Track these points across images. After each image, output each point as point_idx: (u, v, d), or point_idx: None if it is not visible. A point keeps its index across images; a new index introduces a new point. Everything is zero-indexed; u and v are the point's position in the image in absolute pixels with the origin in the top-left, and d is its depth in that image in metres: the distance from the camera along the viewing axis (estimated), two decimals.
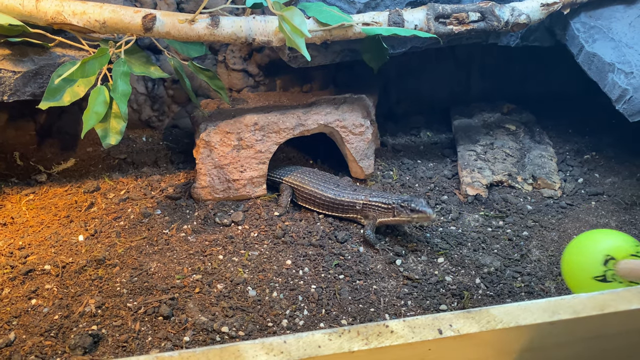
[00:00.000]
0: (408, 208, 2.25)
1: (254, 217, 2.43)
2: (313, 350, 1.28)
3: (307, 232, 2.34)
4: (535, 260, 2.26)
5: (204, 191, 2.50)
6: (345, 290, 2.06)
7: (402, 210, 2.27)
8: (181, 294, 2.01)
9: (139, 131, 3.06)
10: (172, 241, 2.27)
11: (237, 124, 2.49)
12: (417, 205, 2.23)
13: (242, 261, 2.18)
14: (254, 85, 3.11)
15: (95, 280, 2.05)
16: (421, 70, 3.37)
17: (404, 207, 2.26)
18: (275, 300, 2.01)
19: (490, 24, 2.34)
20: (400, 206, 2.27)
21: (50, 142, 2.90)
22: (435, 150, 3.08)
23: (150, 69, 2.33)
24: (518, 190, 2.67)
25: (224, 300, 1.98)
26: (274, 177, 2.61)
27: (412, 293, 2.08)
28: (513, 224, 2.47)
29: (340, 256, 2.23)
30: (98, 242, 2.26)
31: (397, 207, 2.28)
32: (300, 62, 2.60)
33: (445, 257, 2.27)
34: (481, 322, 1.38)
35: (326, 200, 2.43)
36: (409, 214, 2.26)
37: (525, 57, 3.37)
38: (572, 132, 3.16)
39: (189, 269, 2.12)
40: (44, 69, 2.26)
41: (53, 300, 1.96)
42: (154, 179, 2.66)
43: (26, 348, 1.77)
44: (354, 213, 2.41)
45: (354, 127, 2.60)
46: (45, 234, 2.30)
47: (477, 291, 2.11)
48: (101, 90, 2.10)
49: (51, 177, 2.69)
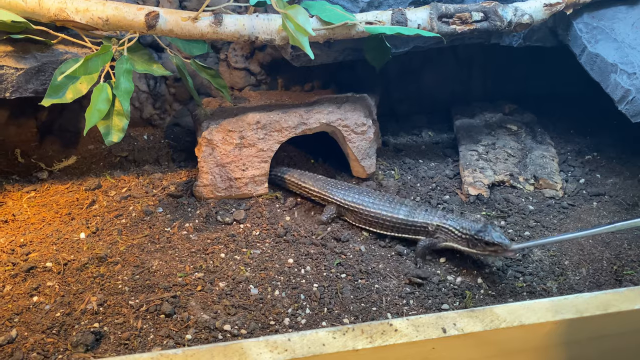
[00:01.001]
0: (482, 241, 2.08)
1: (256, 216, 2.42)
2: (317, 348, 1.28)
3: (309, 231, 2.34)
4: (537, 260, 2.26)
5: (205, 189, 2.50)
6: (347, 289, 2.06)
7: (478, 243, 2.10)
8: (183, 292, 2.01)
9: (141, 129, 3.05)
10: (174, 239, 2.27)
11: (239, 123, 2.49)
12: (493, 238, 2.05)
13: (244, 259, 2.18)
14: (255, 84, 3.11)
15: (97, 277, 2.05)
16: (423, 70, 3.37)
17: (477, 240, 2.09)
18: (277, 298, 2.00)
19: (493, 24, 2.34)
20: (474, 238, 2.10)
21: (52, 139, 2.90)
22: (436, 150, 3.08)
23: (153, 67, 2.32)
24: (520, 191, 2.67)
25: (226, 299, 1.98)
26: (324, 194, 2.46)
27: (414, 292, 2.08)
28: (515, 224, 2.47)
29: (342, 255, 2.23)
30: (100, 239, 2.25)
31: (470, 238, 2.12)
32: (303, 60, 2.60)
33: (447, 258, 2.27)
34: (485, 321, 1.39)
35: (396, 222, 2.28)
36: (484, 247, 2.09)
37: (527, 58, 3.37)
38: (573, 133, 3.16)
39: (191, 267, 2.12)
40: (46, 66, 2.26)
41: (55, 298, 1.96)
42: (156, 177, 2.66)
43: (28, 345, 1.77)
44: (424, 234, 2.26)
45: (356, 126, 2.60)
46: (46, 231, 2.30)
47: (479, 291, 2.11)
48: (104, 87, 2.10)
49: (52, 175, 2.69)
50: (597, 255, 2.26)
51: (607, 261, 2.22)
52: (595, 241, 2.33)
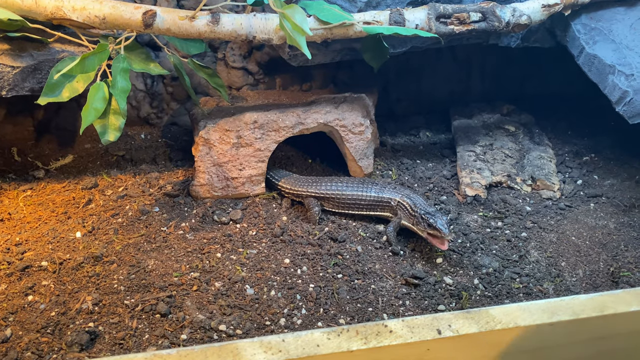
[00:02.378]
0: (426, 222, 2.20)
1: (253, 216, 2.42)
2: (312, 349, 1.27)
3: (306, 231, 2.34)
4: (534, 261, 2.26)
5: (202, 189, 2.49)
6: (344, 290, 2.06)
7: (421, 222, 2.23)
8: (179, 291, 2.00)
9: (138, 128, 3.05)
10: (170, 239, 2.26)
11: (236, 122, 2.49)
12: (436, 222, 2.17)
13: (240, 259, 2.17)
14: (253, 84, 3.10)
15: (93, 277, 2.04)
16: (421, 70, 3.36)
17: (423, 220, 2.22)
18: (273, 299, 2.00)
19: (491, 25, 2.34)
20: (422, 217, 2.22)
21: (48, 138, 2.89)
22: (434, 150, 3.07)
23: (150, 66, 2.32)
24: (517, 191, 2.67)
25: (221, 299, 1.97)
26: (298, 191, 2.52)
27: (411, 293, 2.08)
28: (512, 225, 2.47)
29: (339, 255, 2.22)
30: (95, 239, 2.25)
31: (418, 217, 2.24)
32: (300, 60, 2.60)
33: (444, 258, 2.27)
34: (480, 323, 1.38)
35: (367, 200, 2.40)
36: (425, 228, 2.21)
37: (525, 58, 3.37)
38: (571, 134, 3.16)
39: (187, 267, 2.11)
40: (43, 64, 2.25)
41: (50, 297, 1.95)
42: (152, 176, 2.65)
43: (22, 344, 1.76)
44: (389, 211, 2.41)
45: (354, 127, 2.60)
46: (42, 230, 2.29)
47: (476, 292, 2.11)
48: (100, 86, 2.09)
49: (49, 173, 2.68)
50: (594, 256, 2.26)
51: (603, 263, 2.22)
52: (592, 242, 2.33)
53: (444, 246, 2.17)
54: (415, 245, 2.34)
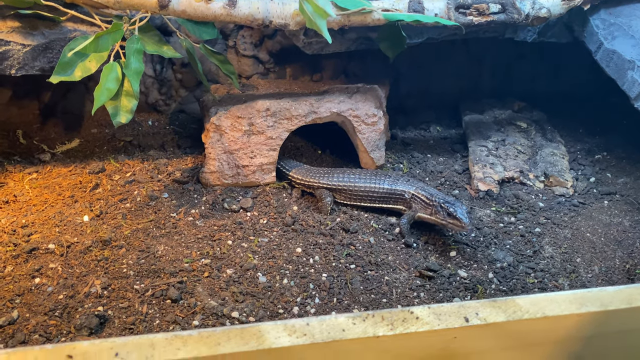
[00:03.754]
0: (446, 211, 2.18)
1: (263, 204, 2.38)
2: (337, 334, 1.23)
3: (318, 221, 2.30)
4: (548, 257, 2.23)
5: (212, 176, 2.45)
6: (357, 280, 2.02)
7: (440, 210, 2.20)
8: (190, 277, 1.96)
9: (145, 115, 3.00)
10: (180, 225, 2.22)
11: (248, 109, 2.44)
12: (456, 211, 2.15)
13: (251, 247, 2.13)
14: (263, 73, 3.06)
15: (101, 261, 2.00)
16: (432, 64, 3.33)
17: (442, 208, 2.19)
18: (285, 287, 1.96)
19: (510, 16, 2.31)
20: (440, 206, 2.20)
21: (54, 122, 2.84)
22: (445, 145, 3.04)
23: (163, 48, 2.27)
24: (529, 187, 2.64)
25: (233, 286, 1.93)
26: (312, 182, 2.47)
27: (425, 285, 2.04)
28: (525, 220, 2.44)
29: (351, 246, 2.18)
30: (103, 223, 2.20)
31: (437, 206, 2.22)
32: (315, 48, 2.56)
33: (458, 251, 2.24)
34: (507, 312, 1.35)
35: (381, 192, 2.37)
36: (444, 217, 2.19)
37: (536, 55, 3.35)
38: (582, 132, 3.13)
39: (198, 253, 2.07)
40: (54, 43, 2.20)
41: (57, 280, 1.91)
42: (161, 163, 2.61)
43: (30, 327, 1.72)
44: (402, 204, 2.38)
45: (367, 117, 2.56)
46: (49, 213, 2.24)
47: (490, 286, 2.08)
48: (114, 66, 2.05)
49: (55, 157, 2.63)
50: (609, 253, 2.23)
51: (619, 260, 2.20)
52: (607, 239, 2.30)
53: (464, 229, 2.16)
54: (428, 238, 2.30)
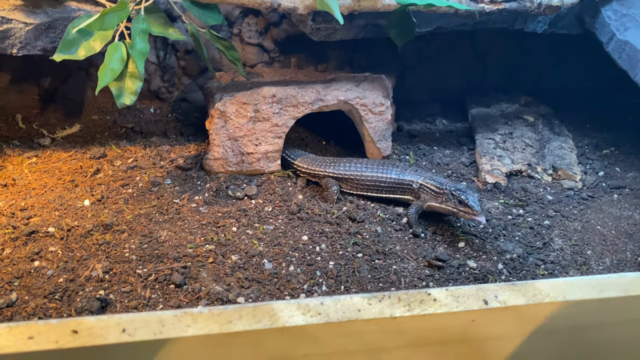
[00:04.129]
0: (457, 198, 2.13)
1: (268, 192, 2.33)
2: (352, 314, 1.19)
3: (324, 210, 2.25)
4: (558, 249, 2.19)
5: (216, 163, 2.40)
6: (365, 269, 1.97)
7: (452, 198, 2.15)
8: (194, 263, 1.91)
9: (147, 102, 2.94)
10: (183, 211, 2.17)
11: (254, 95, 2.40)
12: (467, 199, 2.10)
13: (256, 234, 2.08)
14: (268, 62, 3.01)
15: (103, 245, 1.94)
16: (437, 57, 3.29)
17: (454, 196, 2.14)
18: (292, 274, 1.91)
19: (522, 5, 2.27)
20: (452, 194, 2.15)
21: (54, 107, 2.78)
22: (451, 138, 3.00)
23: (169, 31, 2.22)
24: (537, 180, 2.60)
25: (239, 271, 1.88)
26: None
27: (434, 275, 2.00)
28: (534, 212, 2.40)
29: (358, 235, 2.14)
30: (105, 207, 2.15)
31: (447, 194, 2.17)
32: (323, 35, 2.52)
33: (466, 242, 2.19)
34: (527, 295, 1.30)
35: (388, 182, 2.32)
36: (455, 205, 2.14)
37: (543, 49, 3.31)
38: (589, 127, 3.10)
39: (202, 239, 2.02)
40: (57, 22, 2.15)
41: (57, 263, 1.85)
42: (164, 149, 2.56)
43: (29, 309, 1.66)
44: (410, 194, 2.33)
45: (374, 106, 2.52)
46: (48, 197, 2.19)
47: (500, 277, 2.03)
48: (119, 46, 2.00)
49: (55, 142, 2.57)
50: (621, 246, 2.19)
51: (630, 253, 2.16)
52: (618, 232, 2.26)
53: (476, 217, 2.10)
54: (436, 228, 2.26)
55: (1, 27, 2.07)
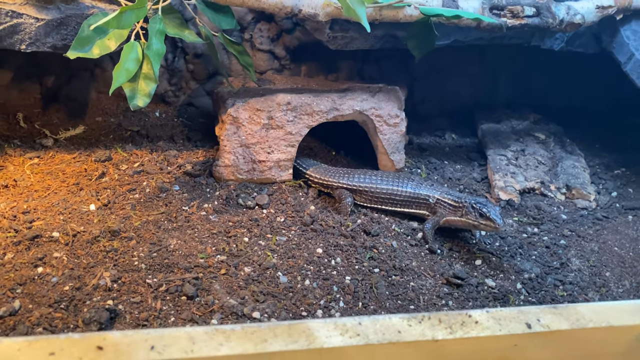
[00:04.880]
0: (478, 211, 2.09)
1: (280, 202, 2.26)
2: (393, 336, 1.12)
3: (338, 222, 2.19)
4: (576, 269, 2.14)
5: (226, 170, 2.32)
6: (382, 285, 1.91)
7: (472, 211, 2.11)
8: (205, 274, 1.82)
9: (152, 105, 2.85)
10: (193, 219, 2.09)
11: (268, 102, 2.33)
12: (489, 212, 2.06)
13: (269, 245, 2.01)
14: (278, 69, 2.96)
15: (110, 252, 1.86)
16: (446, 71, 3.26)
17: (474, 209, 2.10)
18: (308, 288, 1.84)
19: (544, 21, 2.25)
20: (472, 207, 2.11)
21: (57, 107, 2.69)
22: (460, 152, 2.96)
23: (185, 32, 2.15)
24: (551, 199, 2.57)
25: (253, 284, 1.81)
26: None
27: (453, 294, 1.94)
28: (548, 231, 2.36)
29: (374, 249, 2.07)
30: (111, 213, 2.06)
31: (467, 207, 2.12)
32: (340, 43, 2.47)
33: (483, 260, 2.14)
34: (570, 319, 1.25)
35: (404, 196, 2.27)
36: (476, 218, 2.09)
37: (553, 67, 3.30)
38: (599, 147, 3.08)
39: (213, 249, 1.94)
40: (70, 19, 2.07)
41: (63, 270, 1.76)
42: (171, 154, 2.47)
43: (33, 319, 1.57)
44: (426, 209, 2.28)
45: (389, 118, 2.47)
46: (52, 200, 2.09)
47: (519, 297, 1.98)
48: (134, 46, 1.93)
49: (58, 143, 2.48)
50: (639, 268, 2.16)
51: None
52: (635, 254, 2.23)
53: (498, 230, 2.07)
54: (452, 245, 2.21)
55: (11, 21, 1.99)
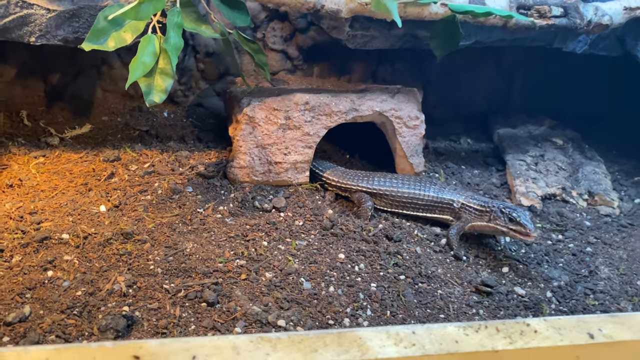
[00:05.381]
0: (507, 216, 1.99)
1: (297, 205, 2.17)
2: (450, 346, 1.03)
3: (358, 227, 2.10)
4: (605, 278, 2.07)
5: (241, 171, 2.23)
6: (409, 293, 1.82)
7: (501, 216, 2.01)
8: (225, 279, 1.73)
9: (161, 105, 2.71)
10: (209, 221, 1.99)
11: (285, 102, 2.25)
12: (519, 217, 1.97)
13: (289, 250, 1.91)
14: (290, 69, 2.87)
15: (124, 255, 1.75)
16: (461, 73, 3.20)
17: (503, 214, 2.01)
18: (333, 295, 1.74)
19: (572, 21, 2.18)
20: (501, 211, 2.02)
21: (61, 106, 2.59)
22: (477, 157, 2.89)
23: (202, 27, 2.06)
24: (573, 205, 2.50)
25: (276, 290, 1.71)
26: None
27: (483, 302, 1.85)
28: (573, 238, 2.28)
29: (398, 255, 1.99)
30: (123, 214, 1.96)
31: (496, 211, 2.03)
32: (359, 42, 2.39)
33: (510, 267, 2.06)
34: (633, 329, 1.16)
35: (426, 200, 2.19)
36: (505, 223, 2.00)
37: (569, 72, 3.25)
38: (616, 154, 3.03)
39: (231, 253, 1.84)
40: (83, 10, 1.98)
41: (74, 274, 1.66)
42: (182, 155, 2.38)
43: (45, 326, 1.46)
44: (450, 214, 2.20)
45: (409, 119, 2.39)
46: (60, 200, 1.99)
47: (550, 305, 1.90)
48: (152, 39, 1.84)
49: (64, 142, 2.38)
50: None
51: None
52: None
53: (529, 238, 1.97)
54: (478, 251, 2.12)
55: (21, 12, 1.89)
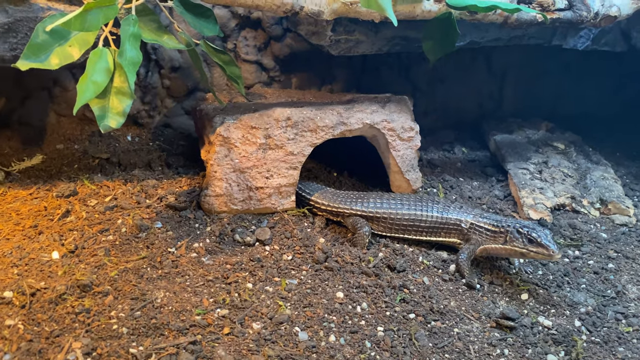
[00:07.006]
0: (526, 236, 1.76)
1: (284, 236, 1.90)
2: None
3: (356, 257, 1.83)
4: (636, 298, 1.84)
5: (218, 200, 1.95)
6: (422, 335, 1.56)
7: (518, 237, 1.78)
8: (205, 335, 1.44)
9: (123, 128, 2.46)
10: (182, 263, 1.70)
11: (264, 118, 1.98)
12: (540, 237, 1.74)
13: (279, 292, 1.64)
14: (266, 82, 2.61)
15: (80, 314, 1.45)
16: (450, 79, 2.98)
17: (521, 234, 1.77)
18: (335, 346, 1.47)
19: (578, 14, 1.97)
20: (518, 232, 1.78)
21: (8, 134, 2.29)
22: (474, 168, 2.66)
23: (163, 38, 1.79)
24: (584, 216, 2.28)
25: (266, 346, 1.43)
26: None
27: (506, 339, 1.60)
28: (592, 254, 2.06)
29: (404, 289, 1.73)
30: (80, 261, 1.66)
31: (512, 232, 1.80)
32: (343, 48, 2.15)
33: (529, 294, 1.82)
34: None
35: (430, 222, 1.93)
36: (525, 245, 1.77)
37: (562, 72, 3.06)
38: (619, 156, 2.83)
39: (210, 302, 1.56)
40: (20, 23, 1.68)
41: (18, 343, 1.35)
42: (149, 184, 2.09)
43: None
44: (457, 236, 1.94)
45: (403, 131, 2.14)
46: (3, 248, 1.68)
47: (580, 336, 1.66)
48: (103, 53, 1.55)
49: (10, 177, 2.07)
50: None
51: None
52: None
53: (551, 259, 1.74)
54: (492, 277, 1.88)
55: None
